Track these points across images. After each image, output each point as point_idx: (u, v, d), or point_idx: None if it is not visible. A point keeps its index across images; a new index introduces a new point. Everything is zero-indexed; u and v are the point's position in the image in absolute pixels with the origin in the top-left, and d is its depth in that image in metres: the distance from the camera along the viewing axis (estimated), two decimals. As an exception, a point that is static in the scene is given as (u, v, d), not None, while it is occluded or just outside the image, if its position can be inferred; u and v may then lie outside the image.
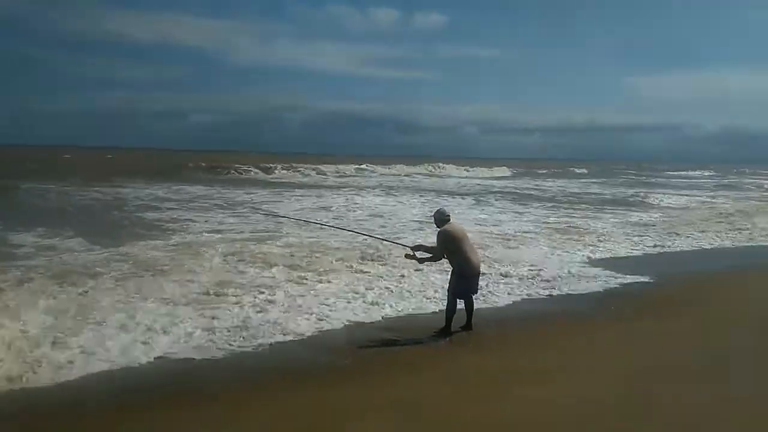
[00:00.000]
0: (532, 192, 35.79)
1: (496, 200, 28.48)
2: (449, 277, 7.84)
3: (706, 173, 78.54)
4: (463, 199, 29.09)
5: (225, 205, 21.23)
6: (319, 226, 14.71)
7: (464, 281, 7.66)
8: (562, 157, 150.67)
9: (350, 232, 13.01)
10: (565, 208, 24.88)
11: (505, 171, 64.61)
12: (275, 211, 19.05)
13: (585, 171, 73.35)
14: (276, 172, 46.68)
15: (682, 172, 78.86)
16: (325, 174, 47.63)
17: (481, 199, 29.04)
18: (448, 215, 7.90)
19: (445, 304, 7.82)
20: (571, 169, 77.45)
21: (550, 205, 26.75)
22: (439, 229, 7.78)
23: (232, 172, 44.21)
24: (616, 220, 20.52)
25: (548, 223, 18.96)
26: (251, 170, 45.53)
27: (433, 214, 8.13)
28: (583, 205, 26.61)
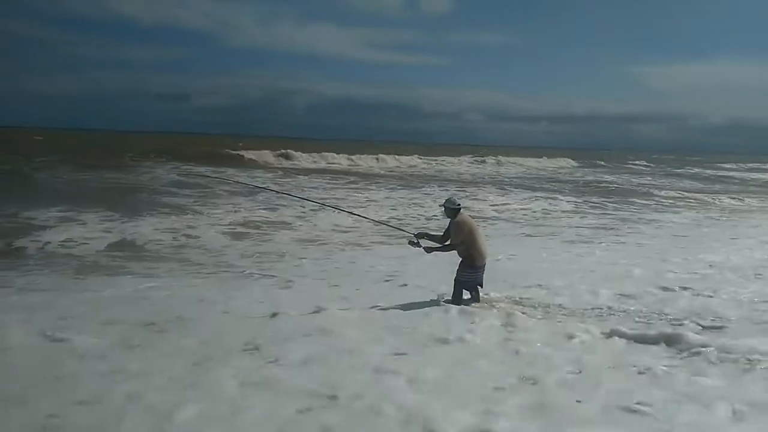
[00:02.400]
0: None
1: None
2: (457, 267, 7.86)
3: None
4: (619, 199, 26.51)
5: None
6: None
7: (473, 271, 7.76)
8: (566, 145, 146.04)
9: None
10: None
11: (569, 162, 62.94)
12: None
13: (645, 163, 70.05)
14: (340, 162, 46.08)
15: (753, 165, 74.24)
16: (386, 162, 47.32)
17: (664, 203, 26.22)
18: (459, 204, 7.92)
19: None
20: (630, 163, 74.12)
21: None
22: (455, 219, 7.76)
23: (293, 160, 44.65)
24: None
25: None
26: (312, 158, 45.87)
27: (443, 203, 8.07)
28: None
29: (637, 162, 71.25)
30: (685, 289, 8.75)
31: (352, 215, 12.63)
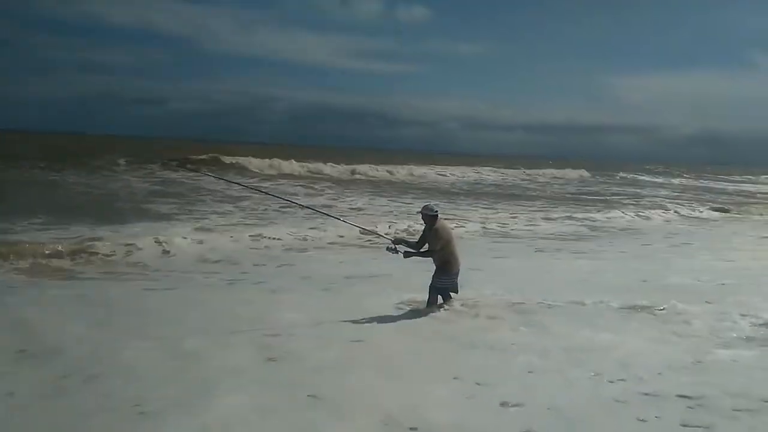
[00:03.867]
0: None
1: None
2: (432, 274, 7.96)
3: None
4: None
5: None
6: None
7: (448, 277, 7.88)
8: (547, 155, 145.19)
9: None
10: None
11: (583, 172, 62.36)
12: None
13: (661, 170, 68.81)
14: (375, 172, 43.36)
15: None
16: (413, 175, 44.99)
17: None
18: (437, 211, 8.02)
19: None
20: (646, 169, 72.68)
21: None
22: (435, 226, 7.85)
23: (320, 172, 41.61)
24: None
25: None
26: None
27: (420, 210, 8.11)
28: None
29: (641, 173, 69.68)
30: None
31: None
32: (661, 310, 8.00)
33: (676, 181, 62.73)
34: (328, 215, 11.18)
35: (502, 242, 16.21)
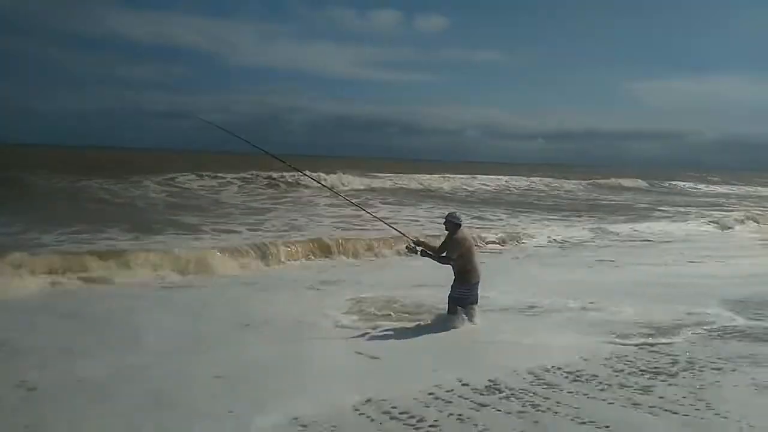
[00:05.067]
0: None
1: None
2: (452, 283, 7.80)
3: None
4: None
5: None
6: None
7: (467, 288, 7.71)
8: (562, 162, 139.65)
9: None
10: None
11: (638, 182, 60.45)
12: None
13: (717, 179, 65.69)
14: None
15: None
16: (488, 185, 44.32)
17: None
18: (461, 220, 7.90)
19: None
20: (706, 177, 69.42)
21: None
22: (456, 235, 7.82)
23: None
24: None
25: None
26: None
27: (446, 216, 8.10)
28: None
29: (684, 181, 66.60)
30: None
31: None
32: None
33: (721, 188, 59.93)
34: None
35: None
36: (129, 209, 21.51)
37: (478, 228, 18.15)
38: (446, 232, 7.95)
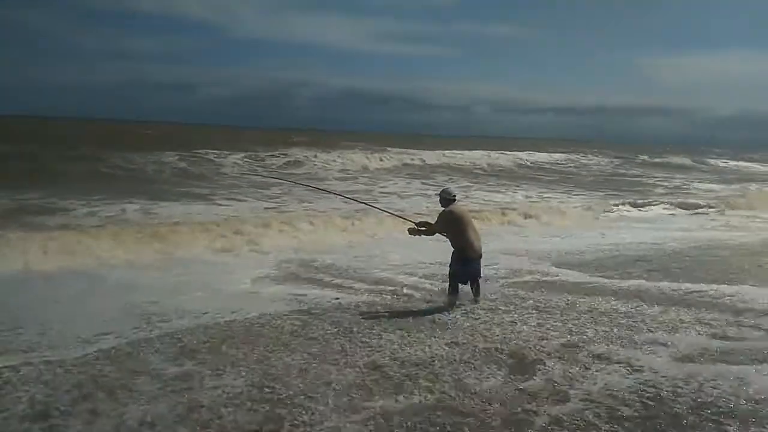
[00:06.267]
0: None
1: None
2: (450, 258, 7.61)
3: None
4: None
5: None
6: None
7: (464, 264, 7.55)
8: (577, 138, 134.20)
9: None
10: None
11: (684, 160, 58.03)
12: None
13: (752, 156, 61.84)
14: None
15: None
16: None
17: None
18: (455, 195, 7.82)
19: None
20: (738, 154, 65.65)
21: None
22: (444, 209, 7.72)
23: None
24: None
25: None
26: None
27: (438, 192, 8.02)
28: None
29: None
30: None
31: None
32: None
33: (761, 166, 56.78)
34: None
35: None
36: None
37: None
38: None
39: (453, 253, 7.59)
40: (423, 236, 7.94)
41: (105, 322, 6.76)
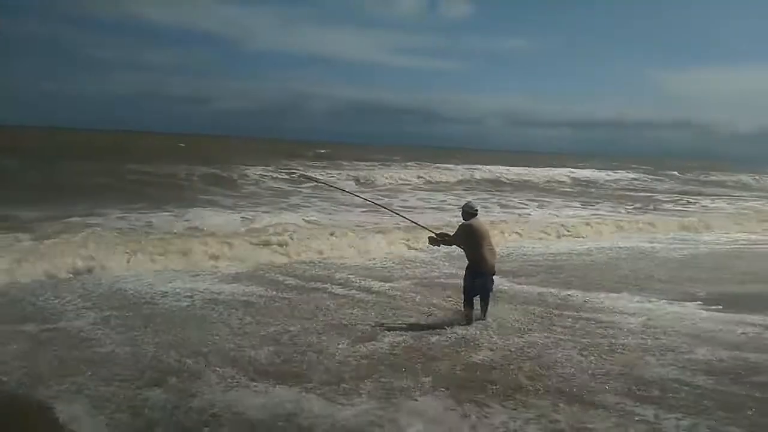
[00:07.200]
0: None
1: None
2: (464, 272, 7.67)
3: None
4: None
5: None
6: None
7: (476, 278, 7.69)
8: (591, 152, 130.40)
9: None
10: None
11: (747, 179, 55.59)
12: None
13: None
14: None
15: None
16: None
17: None
18: (476, 210, 7.83)
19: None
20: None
21: None
22: (464, 221, 7.88)
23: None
24: None
25: None
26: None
27: (462, 206, 8.19)
28: None
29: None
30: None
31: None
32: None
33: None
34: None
35: None
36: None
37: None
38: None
39: (467, 266, 7.67)
40: (441, 246, 8.06)
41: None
